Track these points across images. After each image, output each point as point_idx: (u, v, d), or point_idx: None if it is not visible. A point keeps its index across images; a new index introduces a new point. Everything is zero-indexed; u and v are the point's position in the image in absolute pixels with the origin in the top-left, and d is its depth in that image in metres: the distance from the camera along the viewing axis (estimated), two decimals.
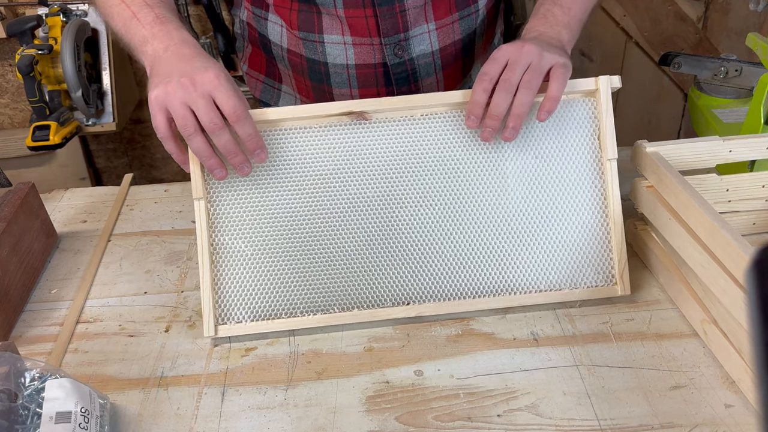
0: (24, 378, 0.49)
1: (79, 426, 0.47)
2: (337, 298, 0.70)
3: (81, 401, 0.49)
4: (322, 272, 0.70)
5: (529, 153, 0.71)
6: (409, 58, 0.85)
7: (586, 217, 0.72)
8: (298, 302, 0.70)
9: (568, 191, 0.71)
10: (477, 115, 0.67)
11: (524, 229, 0.71)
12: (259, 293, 0.69)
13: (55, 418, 0.46)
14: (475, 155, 0.71)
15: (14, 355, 0.50)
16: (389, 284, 0.70)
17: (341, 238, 0.70)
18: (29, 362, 0.50)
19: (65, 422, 0.46)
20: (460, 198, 0.71)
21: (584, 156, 0.72)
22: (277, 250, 0.69)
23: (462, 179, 0.71)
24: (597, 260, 0.71)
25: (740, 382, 0.60)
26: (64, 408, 0.48)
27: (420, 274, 0.70)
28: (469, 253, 0.71)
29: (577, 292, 0.71)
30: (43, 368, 0.50)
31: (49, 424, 0.46)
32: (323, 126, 0.70)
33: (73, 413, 0.48)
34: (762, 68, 0.97)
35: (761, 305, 0.26)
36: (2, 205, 0.76)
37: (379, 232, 0.70)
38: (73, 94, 1.56)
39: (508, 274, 0.71)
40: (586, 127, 0.71)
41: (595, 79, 0.70)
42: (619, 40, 1.94)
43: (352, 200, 0.70)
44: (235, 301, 0.69)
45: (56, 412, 0.47)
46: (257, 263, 0.69)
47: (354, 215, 0.70)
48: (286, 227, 0.70)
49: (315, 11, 0.82)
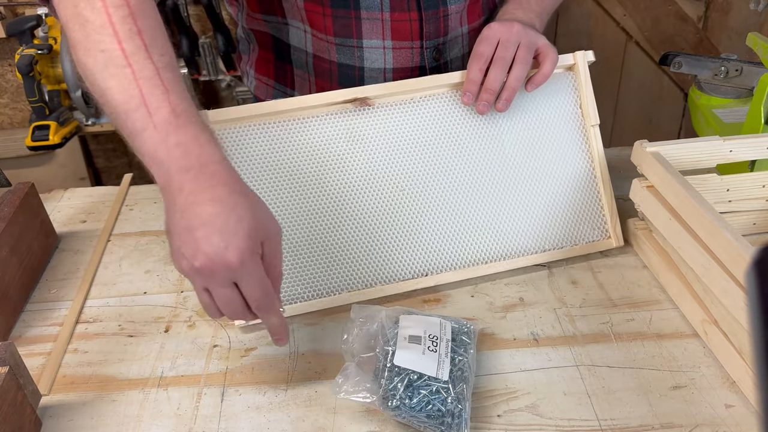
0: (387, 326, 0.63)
1: (428, 348, 0.59)
2: (359, 277, 0.73)
3: (429, 329, 0.61)
4: (343, 253, 0.72)
5: (522, 123, 0.77)
6: (445, 62, 0.88)
7: (578, 178, 0.79)
8: (323, 285, 0.72)
9: (560, 156, 0.78)
10: (473, 92, 0.73)
11: (525, 193, 0.77)
12: (284, 282, 0.70)
13: (408, 339, 0.60)
14: (474, 129, 0.76)
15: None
16: (408, 257, 0.74)
17: (357, 219, 0.73)
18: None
19: (417, 344, 0.59)
20: (464, 170, 0.75)
21: (570, 123, 0.79)
22: (296, 240, 0.71)
23: (464, 152, 0.76)
24: (591, 217, 0.79)
25: (740, 382, 0.60)
26: (415, 333, 0.60)
27: (435, 245, 0.74)
28: (477, 221, 0.75)
29: (577, 248, 0.77)
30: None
31: (404, 342, 0.60)
32: (329, 114, 0.73)
33: (422, 338, 0.60)
34: (762, 68, 0.97)
35: (761, 305, 0.26)
36: (2, 205, 0.76)
37: (390, 209, 0.74)
38: (72, 94, 1.56)
39: (516, 237, 0.76)
40: (569, 97, 0.79)
41: (573, 55, 0.78)
42: (619, 40, 1.94)
43: (362, 182, 0.73)
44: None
45: (409, 335, 0.60)
46: (295, 246, 0.71)
47: (365, 196, 0.73)
48: (303, 216, 0.71)
49: (354, 16, 0.81)
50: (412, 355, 0.58)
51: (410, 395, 0.56)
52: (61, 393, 0.63)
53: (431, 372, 0.57)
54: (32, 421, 0.58)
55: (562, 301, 0.72)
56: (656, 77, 1.98)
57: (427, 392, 0.56)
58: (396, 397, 0.56)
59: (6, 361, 0.55)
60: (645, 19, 1.89)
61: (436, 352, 0.59)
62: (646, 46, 1.92)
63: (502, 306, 0.71)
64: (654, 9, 1.87)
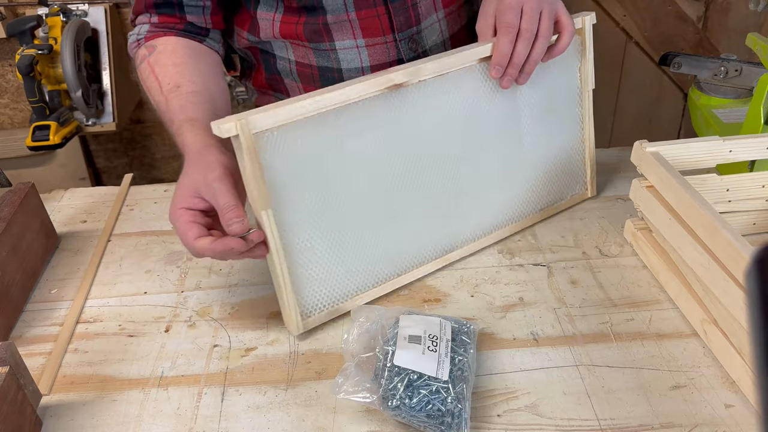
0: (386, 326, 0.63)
1: (427, 348, 0.59)
2: (407, 259, 0.74)
3: (429, 329, 0.62)
4: (387, 242, 0.72)
5: (535, 90, 0.78)
6: (423, 51, 0.86)
7: (572, 141, 0.84)
8: (369, 276, 0.72)
9: (560, 120, 0.82)
10: (503, 65, 0.71)
11: (532, 157, 0.81)
12: (333, 279, 0.70)
13: (408, 339, 0.60)
14: (496, 99, 0.76)
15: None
16: (435, 237, 0.76)
17: (403, 203, 0.72)
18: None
19: (416, 343, 0.60)
20: (480, 144, 0.76)
21: (569, 86, 0.82)
22: (342, 235, 0.69)
23: (482, 126, 0.76)
24: (577, 174, 0.86)
25: (740, 382, 0.60)
26: (414, 333, 0.61)
27: (458, 219, 0.77)
28: (495, 187, 0.79)
29: (563, 203, 0.86)
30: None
31: (404, 342, 0.60)
32: (363, 100, 0.66)
33: (422, 338, 0.60)
34: (762, 68, 0.97)
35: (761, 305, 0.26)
36: (2, 205, 0.76)
37: (433, 186, 0.74)
38: (73, 94, 1.56)
39: (525, 199, 0.82)
40: (572, 62, 0.81)
41: (581, 19, 0.78)
42: (619, 40, 1.94)
43: (402, 165, 0.71)
44: (312, 294, 0.69)
45: (408, 335, 0.61)
46: (326, 253, 0.69)
47: (405, 179, 0.71)
48: (348, 209, 0.68)
49: (321, 21, 0.81)
50: (412, 355, 0.58)
51: (410, 395, 0.56)
52: (61, 393, 0.64)
53: (431, 372, 0.57)
54: (32, 421, 0.58)
55: (561, 301, 0.72)
56: (656, 77, 1.98)
57: (427, 392, 0.56)
58: (396, 396, 0.56)
59: (6, 361, 0.55)
60: (645, 19, 1.89)
61: (436, 352, 0.59)
62: (646, 47, 1.92)
63: (502, 306, 0.71)
64: (654, 9, 1.87)
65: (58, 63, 1.56)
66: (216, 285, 0.77)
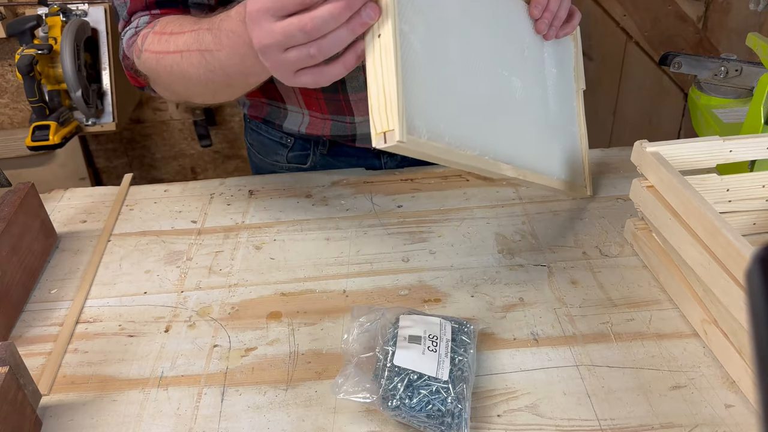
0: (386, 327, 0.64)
1: (427, 348, 0.59)
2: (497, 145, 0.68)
3: (429, 329, 0.62)
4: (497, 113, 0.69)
5: (535, 90, 0.79)
6: None
7: (566, 133, 0.85)
8: (470, 135, 0.63)
9: (559, 109, 0.84)
10: (543, 4, 0.76)
11: (551, 125, 0.82)
12: (440, 111, 0.60)
13: (408, 339, 0.60)
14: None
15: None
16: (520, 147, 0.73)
17: (501, 86, 0.70)
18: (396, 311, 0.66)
19: (416, 343, 0.60)
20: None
21: (566, 87, 0.85)
22: (452, 73, 0.62)
23: None
24: (575, 167, 0.86)
25: (740, 382, 0.60)
26: (414, 333, 0.61)
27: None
28: (530, 123, 0.77)
29: (566, 183, 0.83)
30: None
31: (404, 342, 0.60)
32: None
33: (422, 338, 0.60)
34: (762, 68, 0.97)
35: (761, 305, 0.26)
36: (2, 205, 0.76)
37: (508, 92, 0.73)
38: (72, 94, 1.56)
39: (545, 157, 0.80)
40: (567, 62, 0.85)
41: None
42: (619, 40, 1.94)
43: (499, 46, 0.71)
44: (416, 107, 0.56)
45: (408, 335, 0.61)
46: (446, 77, 0.61)
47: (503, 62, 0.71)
48: (464, 55, 0.64)
49: (343, 99, 0.83)
50: (412, 355, 0.58)
51: (410, 395, 0.56)
52: (61, 393, 0.63)
53: (431, 372, 0.57)
54: (32, 421, 0.58)
55: (562, 301, 0.72)
56: (656, 77, 1.98)
57: (427, 392, 0.56)
58: (396, 397, 0.56)
59: (6, 361, 0.55)
60: (645, 19, 1.89)
61: (436, 352, 0.59)
62: (646, 46, 1.92)
63: (502, 306, 0.71)
64: (654, 9, 1.87)
65: (58, 63, 1.56)
66: (216, 285, 0.77)
